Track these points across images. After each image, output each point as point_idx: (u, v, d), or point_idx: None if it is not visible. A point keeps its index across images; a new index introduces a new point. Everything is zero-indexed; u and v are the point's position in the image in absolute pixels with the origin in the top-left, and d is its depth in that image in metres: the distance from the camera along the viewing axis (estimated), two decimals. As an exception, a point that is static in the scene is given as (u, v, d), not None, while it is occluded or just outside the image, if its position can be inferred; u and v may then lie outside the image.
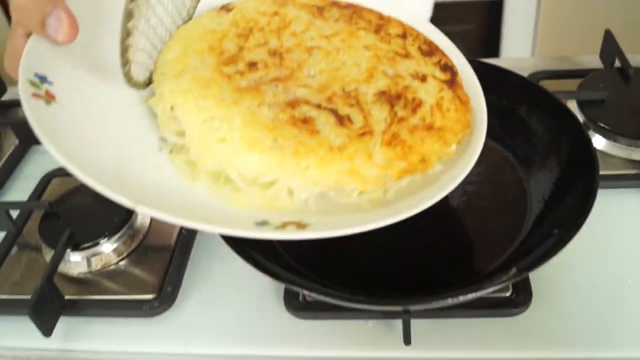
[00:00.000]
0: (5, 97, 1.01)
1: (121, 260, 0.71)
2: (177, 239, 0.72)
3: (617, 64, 0.86)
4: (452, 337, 0.59)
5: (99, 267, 0.70)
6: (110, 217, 0.72)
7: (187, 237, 0.72)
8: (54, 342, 0.64)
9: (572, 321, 0.59)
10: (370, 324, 0.62)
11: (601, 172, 0.58)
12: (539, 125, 0.67)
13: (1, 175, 0.87)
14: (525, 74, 0.75)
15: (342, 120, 0.52)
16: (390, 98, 0.54)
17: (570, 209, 0.58)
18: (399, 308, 0.55)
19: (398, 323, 0.60)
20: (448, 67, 0.60)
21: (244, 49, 0.55)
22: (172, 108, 0.51)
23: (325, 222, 0.49)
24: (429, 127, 0.54)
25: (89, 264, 0.70)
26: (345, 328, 0.62)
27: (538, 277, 0.62)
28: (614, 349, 0.57)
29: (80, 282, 0.69)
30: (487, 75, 0.69)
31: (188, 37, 0.57)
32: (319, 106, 0.52)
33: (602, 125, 0.76)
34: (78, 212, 0.74)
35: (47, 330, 0.62)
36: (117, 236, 0.71)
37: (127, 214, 0.72)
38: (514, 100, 0.68)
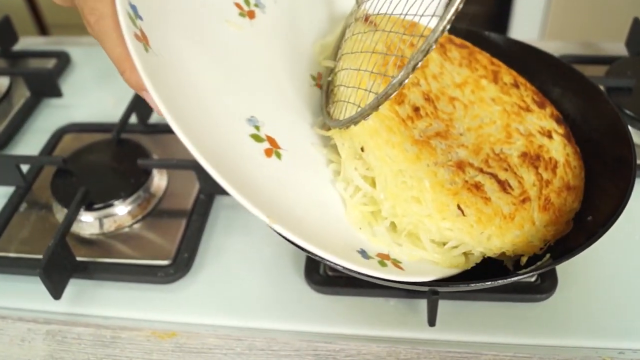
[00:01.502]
0: (17, 47, 0.98)
1: (135, 223, 0.68)
2: (194, 204, 0.69)
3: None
4: (475, 321, 0.58)
5: (112, 229, 0.68)
6: (126, 178, 0.70)
7: (205, 202, 0.70)
8: (63, 305, 0.62)
9: (596, 310, 0.58)
10: (392, 302, 0.60)
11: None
12: (572, 108, 0.65)
13: (11, 128, 0.84)
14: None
15: (503, 186, 0.54)
16: (532, 159, 0.58)
17: (604, 196, 0.56)
18: (426, 289, 0.53)
19: (420, 303, 0.59)
20: (561, 120, 0.63)
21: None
22: (362, 149, 0.52)
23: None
24: (568, 187, 0.57)
25: (101, 225, 0.67)
26: (366, 306, 0.60)
27: (564, 265, 0.60)
28: (637, 340, 0.56)
29: (91, 244, 0.67)
30: (522, 54, 0.68)
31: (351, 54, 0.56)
32: (481, 170, 0.55)
33: (629, 112, 0.75)
34: (91, 171, 0.72)
35: (57, 293, 0.60)
36: (132, 198, 0.68)
37: (144, 176, 0.70)
38: (547, 81, 0.66)
